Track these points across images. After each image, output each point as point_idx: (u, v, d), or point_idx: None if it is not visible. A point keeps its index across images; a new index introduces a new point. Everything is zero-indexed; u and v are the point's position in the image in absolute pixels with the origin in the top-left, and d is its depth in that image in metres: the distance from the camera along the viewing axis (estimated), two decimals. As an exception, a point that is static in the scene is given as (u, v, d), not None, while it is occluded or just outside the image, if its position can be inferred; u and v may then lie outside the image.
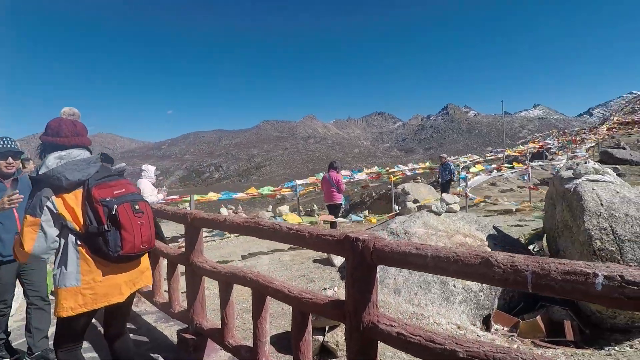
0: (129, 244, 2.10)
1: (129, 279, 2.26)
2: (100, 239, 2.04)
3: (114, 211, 2.05)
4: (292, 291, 2.23)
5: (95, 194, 2.06)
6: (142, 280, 2.33)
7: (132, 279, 2.28)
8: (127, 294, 2.26)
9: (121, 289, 2.21)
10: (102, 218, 2.04)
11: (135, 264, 2.29)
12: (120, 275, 2.20)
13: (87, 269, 2.07)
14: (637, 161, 17.64)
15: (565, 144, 27.16)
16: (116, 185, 2.19)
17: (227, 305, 2.86)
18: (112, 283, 2.16)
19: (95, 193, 2.07)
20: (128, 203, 2.14)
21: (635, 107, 54.13)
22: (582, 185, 4.36)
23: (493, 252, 1.36)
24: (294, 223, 9.07)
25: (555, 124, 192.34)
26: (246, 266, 6.78)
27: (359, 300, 1.78)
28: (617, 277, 1.08)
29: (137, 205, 2.18)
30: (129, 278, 2.25)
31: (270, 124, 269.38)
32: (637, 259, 3.69)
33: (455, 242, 5.21)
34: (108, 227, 2.04)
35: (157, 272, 3.89)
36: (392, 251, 1.64)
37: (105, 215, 2.05)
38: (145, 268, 2.37)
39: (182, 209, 3.56)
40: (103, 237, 2.04)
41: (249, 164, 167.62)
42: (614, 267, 1.11)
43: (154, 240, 2.34)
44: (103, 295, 2.12)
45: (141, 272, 2.32)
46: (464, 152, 76.03)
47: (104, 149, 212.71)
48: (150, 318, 4.29)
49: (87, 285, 2.07)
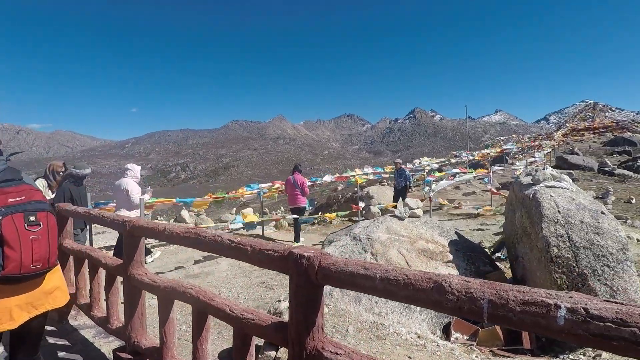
0: (13, 262, 1.78)
1: (26, 301, 1.92)
2: None
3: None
4: (233, 310, 2.00)
5: None
6: (48, 303, 1.99)
7: (30, 301, 1.94)
8: (22, 319, 1.92)
9: (12, 314, 1.87)
10: None
11: (34, 284, 1.94)
12: (12, 299, 1.86)
13: None
14: (589, 167, 18.65)
15: (526, 149, 28.40)
16: (14, 191, 1.87)
17: (166, 323, 2.58)
18: (2, 307, 1.83)
19: None
20: (20, 213, 1.82)
21: (587, 114, 57.69)
22: (541, 191, 4.41)
23: (446, 276, 1.20)
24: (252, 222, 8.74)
25: (515, 129, 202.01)
26: (203, 272, 6.44)
27: (302, 324, 1.58)
28: (581, 310, 0.94)
29: (32, 217, 1.85)
30: (25, 301, 1.92)
31: (239, 124, 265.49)
32: (591, 267, 3.74)
33: (418, 248, 5.15)
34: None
35: (96, 283, 3.53)
36: (338, 271, 1.45)
37: None
38: (54, 288, 2.02)
39: (123, 216, 3.23)
40: None
41: (217, 164, 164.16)
42: (577, 298, 0.97)
43: (54, 259, 1.99)
44: None
45: (46, 294, 1.98)
46: (430, 155, 78.10)
47: (62, 147, 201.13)
48: (89, 333, 3.89)
49: None
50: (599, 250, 3.86)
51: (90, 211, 3.48)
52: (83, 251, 3.57)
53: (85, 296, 3.67)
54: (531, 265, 4.36)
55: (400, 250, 5.08)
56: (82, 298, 3.68)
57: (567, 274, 3.87)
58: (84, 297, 3.67)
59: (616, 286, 3.78)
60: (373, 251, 5.14)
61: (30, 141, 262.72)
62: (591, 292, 3.75)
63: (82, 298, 3.68)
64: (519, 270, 4.78)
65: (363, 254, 5.16)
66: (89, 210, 3.52)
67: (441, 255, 5.11)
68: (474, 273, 4.92)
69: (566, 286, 3.85)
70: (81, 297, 3.69)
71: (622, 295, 3.80)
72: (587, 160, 19.80)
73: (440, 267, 4.94)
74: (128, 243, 2.84)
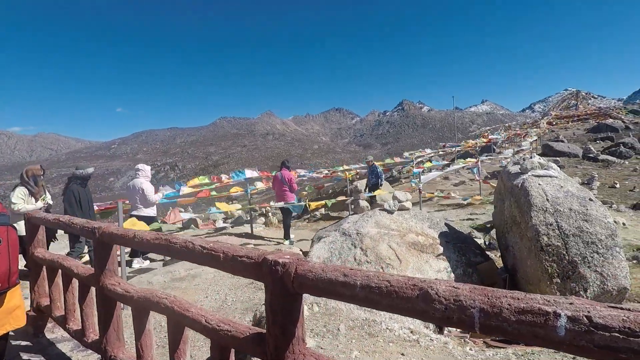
0: None
1: None
2: None
3: None
4: (209, 321, 1.86)
5: None
6: (9, 323, 1.87)
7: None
8: None
9: None
10: None
11: (3, 303, 1.83)
12: None
13: None
14: (574, 153, 18.87)
15: (512, 137, 28.62)
16: None
17: (142, 335, 2.43)
18: None
19: None
20: None
21: (570, 102, 58.46)
22: (529, 180, 4.34)
23: (433, 282, 1.07)
24: (228, 212, 8.56)
25: (501, 118, 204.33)
26: (190, 275, 6.26)
27: (279, 336, 1.45)
28: (583, 318, 0.83)
29: None
30: None
31: (227, 121, 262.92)
32: (581, 254, 3.69)
33: (408, 241, 5.06)
34: None
35: (70, 294, 3.34)
36: (316, 278, 1.32)
37: None
38: (14, 307, 1.89)
39: (94, 222, 3.05)
40: None
41: (206, 162, 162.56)
42: (579, 305, 0.86)
43: (15, 277, 1.84)
44: None
45: (7, 313, 1.85)
46: (419, 146, 78.34)
47: (45, 150, 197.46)
48: (66, 346, 3.69)
49: None
50: (588, 237, 3.82)
51: (60, 218, 3.28)
52: (55, 260, 3.38)
53: (60, 308, 3.48)
54: (522, 255, 4.30)
55: (391, 245, 4.99)
56: (57, 310, 3.49)
57: (557, 262, 3.82)
58: (59, 309, 3.48)
59: (606, 272, 3.75)
60: (363, 246, 5.03)
61: (12, 145, 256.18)
62: (582, 279, 3.70)
63: (57, 310, 3.49)
64: (509, 260, 4.73)
65: (353, 249, 5.05)
66: (58, 217, 3.32)
67: (432, 247, 5.03)
68: (465, 264, 4.85)
69: (557, 274, 3.80)
70: (56, 309, 3.50)
71: (612, 282, 3.76)
72: (572, 147, 20.04)
73: (431, 259, 4.86)
74: (99, 251, 2.67)
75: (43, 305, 3.64)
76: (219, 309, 4.87)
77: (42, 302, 3.66)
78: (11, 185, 12.22)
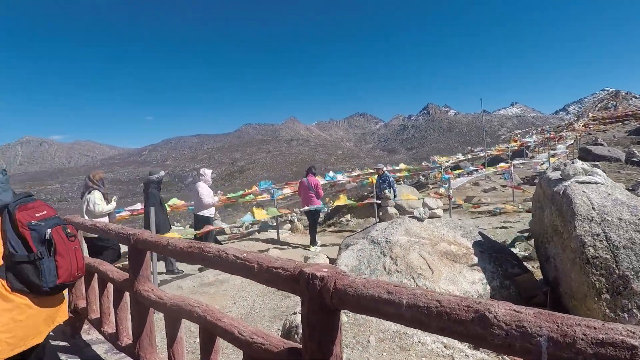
0: (66, 272, 1.85)
1: (48, 315, 1.91)
2: (30, 269, 1.74)
3: (48, 235, 1.78)
4: (242, 333, 1.82)
5: (19, 217, 1.77)
6: (59, 316, 1.99)
7: (51, 315, 1.92)
8: (46, 333, 1.92)
9: (39, 328, 1.86)
10: (32, 245, 1.76)
11: (59, 297, 1.97)
12: (42, 311, 1.85)
13: (6, 308, 1.71)
14: (615, 157, 17.81)
15: (546, 141, 27.46)
16: (36, 207, 1.88)
17: (175, 342, 2.43)
18: (33, 322, 1.81)
19: (19, 216, 1.77)
20: (60, 226, 1.87)
21: (608, 103, 55.65)
22: (572, 187, 4.08)
23: (491, 304, 0.97)
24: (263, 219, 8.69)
25: (532, 121, 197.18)
26: (218, 280, 6.31)
27: (316, 353, 1.38)
28: (680, 355, 0.71)
29: (69, 229, 1.93)
30: (48, 314, 1.90)
31: (252, 128, 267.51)
32: (634, 268, 3.42)
33: (440, 250, 4.88)
34: (41, 254, 1.76)
35: (105, 297, 3.42)
36: (357, 294, 1.24)
37: (35, 241, 1.76)
38: (63, 300, 2.03)
39: (130, 228, 3.10)
40: (35, 266, 1.74)
41: (232, 167, 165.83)
42: (673, 339, 0.74)
43: (84, 268, 2.09)
44: (22, 338, 1.76)
45: (59, 307, 1.99)
46: (445, 151, 76.68)
47: (82, 156, 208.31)
48: (101, 349, 3.78)
49: (5, 327, 1.69)
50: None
51: (96, 223, 3.37)
52: (92, 264, 3.46)
53: (95, 311, 3.56)
54: (564, 267, 4.05)
55: (422, 254, 4.83)
56: (93, 313, 3.57)
57: (606, 277, 3.55)
58: (95, 311, 3.56)
59: (662, 288, 3.45)
60: (392, 255, 4.90)
61: (52, 152, 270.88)
62: (635, 295, 3.42)
63: (92, 313, 3.57)
64: (550, 272, 4.46)
65: (382, 258, 4.93)
66: (95, 223, 3.41)
67: (465, 257, 4.83)
68: (502, 276, 4.62)
69: (606, 290, 3.54)
70: (92, 312, 3.58)
71: (667, 298, 3.46)
72: (612, 150, 18.93)
73: (465, 270, 4.66)
74: (133, 257, 2.70)
75: (80, 307, 3.74)
76: (247, 316, 4.86)
77: (79, 304, 3.76)
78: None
